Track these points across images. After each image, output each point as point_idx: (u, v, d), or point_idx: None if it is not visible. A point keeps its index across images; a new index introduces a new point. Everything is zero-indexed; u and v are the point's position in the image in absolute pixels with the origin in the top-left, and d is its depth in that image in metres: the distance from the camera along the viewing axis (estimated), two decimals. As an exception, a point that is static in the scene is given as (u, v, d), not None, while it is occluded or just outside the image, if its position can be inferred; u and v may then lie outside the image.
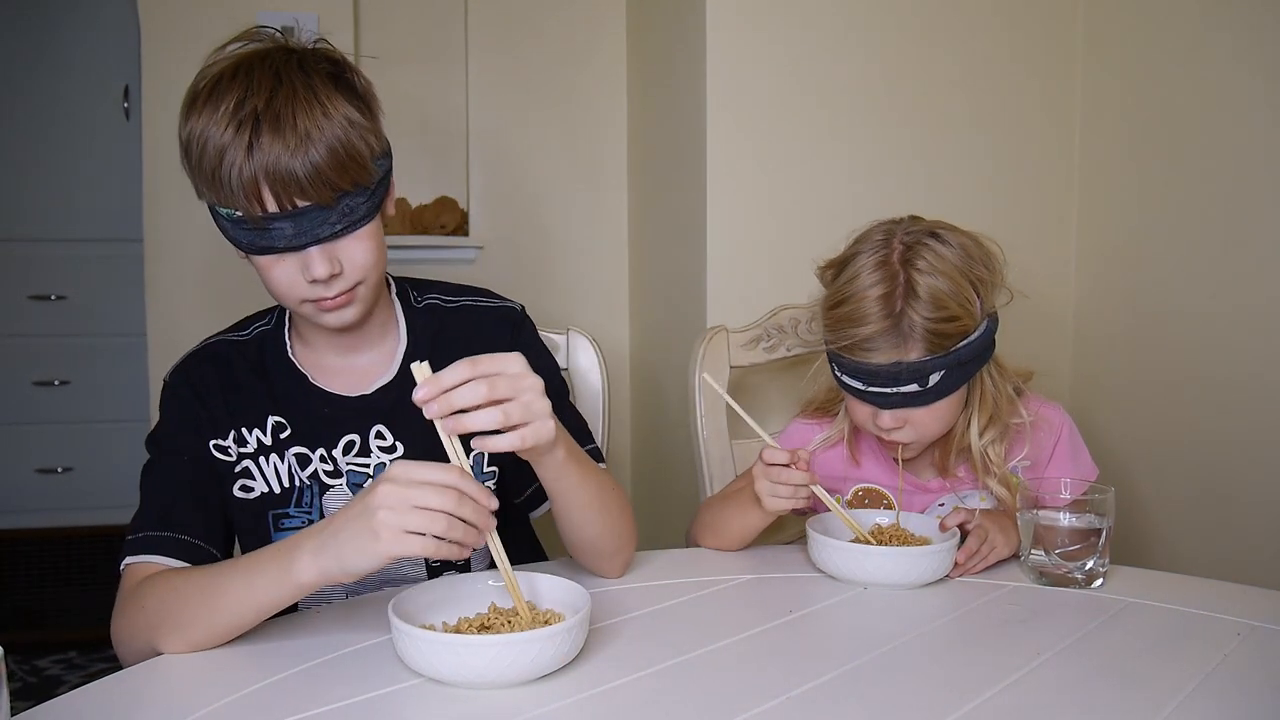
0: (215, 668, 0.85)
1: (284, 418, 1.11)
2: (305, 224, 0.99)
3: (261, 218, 0.98)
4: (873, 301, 1.14)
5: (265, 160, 0.95)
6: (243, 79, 0.98)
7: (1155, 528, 1.70)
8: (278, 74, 0.99)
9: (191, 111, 0.99)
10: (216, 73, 1.00)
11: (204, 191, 1.01)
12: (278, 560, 0.86)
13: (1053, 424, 1.29)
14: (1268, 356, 1.50)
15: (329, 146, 0.97)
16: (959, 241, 1.18)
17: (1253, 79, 1.52)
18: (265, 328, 1.17)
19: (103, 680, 0.84)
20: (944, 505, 1.28)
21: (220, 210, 1.00)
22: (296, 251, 1.00)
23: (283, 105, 0.97)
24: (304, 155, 0.96)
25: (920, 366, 1.14)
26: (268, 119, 0.96)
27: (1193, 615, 1.01)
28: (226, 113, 0.96)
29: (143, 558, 0.99)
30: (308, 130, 0.96)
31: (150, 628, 0.90)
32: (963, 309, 1.15)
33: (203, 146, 0.97)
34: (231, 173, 0.96)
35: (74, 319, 3.06)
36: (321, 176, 0.97)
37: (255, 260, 1.03)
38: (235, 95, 0.97)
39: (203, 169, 0.98)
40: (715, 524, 1.25)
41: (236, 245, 1.02)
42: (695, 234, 1.76)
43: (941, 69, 1.80)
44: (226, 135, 0.96)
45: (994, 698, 0.81)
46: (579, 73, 2.29)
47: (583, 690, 0.83)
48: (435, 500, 0.81)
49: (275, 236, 0.99)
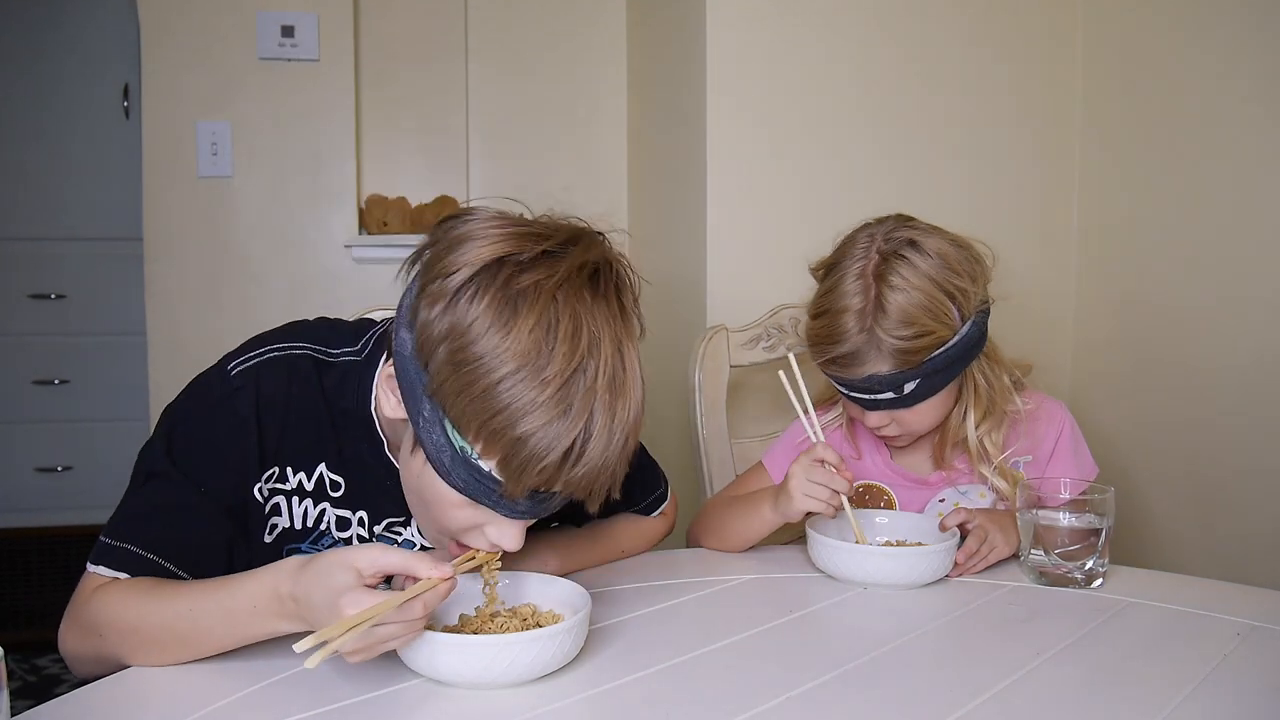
0: (215, 668, 0.85)
1: (343, 478, 0.99)
2: (538, 508, 0.87)
3: (503, 496, 0.84)
4: (845, 319, 1.16)
5: (587, 469, 0.82)
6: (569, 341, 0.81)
7: (1155, 528, 1.70)
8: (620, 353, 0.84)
9: (482, 330, 0.80)
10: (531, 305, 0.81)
11: (457, 420, 0.82)
12: (259, 620, 0.82)
13: (1055, 419, 1.29)
14: (1268, 356, 1.50)
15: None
16: (938, 249, 1.17)
17: (1252, 78, 1.52)
18: (353, 358, 1.00)
19: (103, 680, 0.84)
20: (944, 501, 1.28)
21: (454, 435, 0.83)
22: (507, 520, 0.88)
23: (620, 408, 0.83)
24: (612, 463, 0.84)
25: (893, 378, 1.16)
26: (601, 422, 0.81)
27: (1193, 615, 1.00)
28: (554, 396, 0.80)
29: (121, 574, 0.88)
30: (626, 439, 0.84)
31: (111, 651, 0.86)
32: (936, 322, 1.15)
33: (511, 415, 0.80)
34: (531, 464, 0.81)
35: (74, 318, 3.06)
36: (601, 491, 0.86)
37: (442, 486, 0.85)
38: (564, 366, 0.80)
39: (496, 432, 0.81)
40: (719, 526, 1.25)
41: (443, 474, 0.85)
42: (695, 234, 1.76)
43: (942, 68, 1.80)
44: (558, 429, 0.80)
45: (994, 698, 0.81)
46: (579, 72, 2.29)
47: (583, 690, 0.83)
48: (399, 640, 0.79)
49: (505, 506, 0.85)
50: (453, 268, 0.82)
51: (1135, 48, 1.75)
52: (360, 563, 0.77)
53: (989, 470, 1.24)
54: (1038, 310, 1.86)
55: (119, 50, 2.96)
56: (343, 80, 2.21)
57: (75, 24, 2.99)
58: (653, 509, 1.23)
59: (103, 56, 3.00)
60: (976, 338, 1.20)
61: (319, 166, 2.21)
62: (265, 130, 2.18)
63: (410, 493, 0.92)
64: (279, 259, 2.21)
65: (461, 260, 0.82)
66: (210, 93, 2.15)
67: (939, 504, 1.29)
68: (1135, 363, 1.75)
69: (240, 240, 2.19)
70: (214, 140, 2.15)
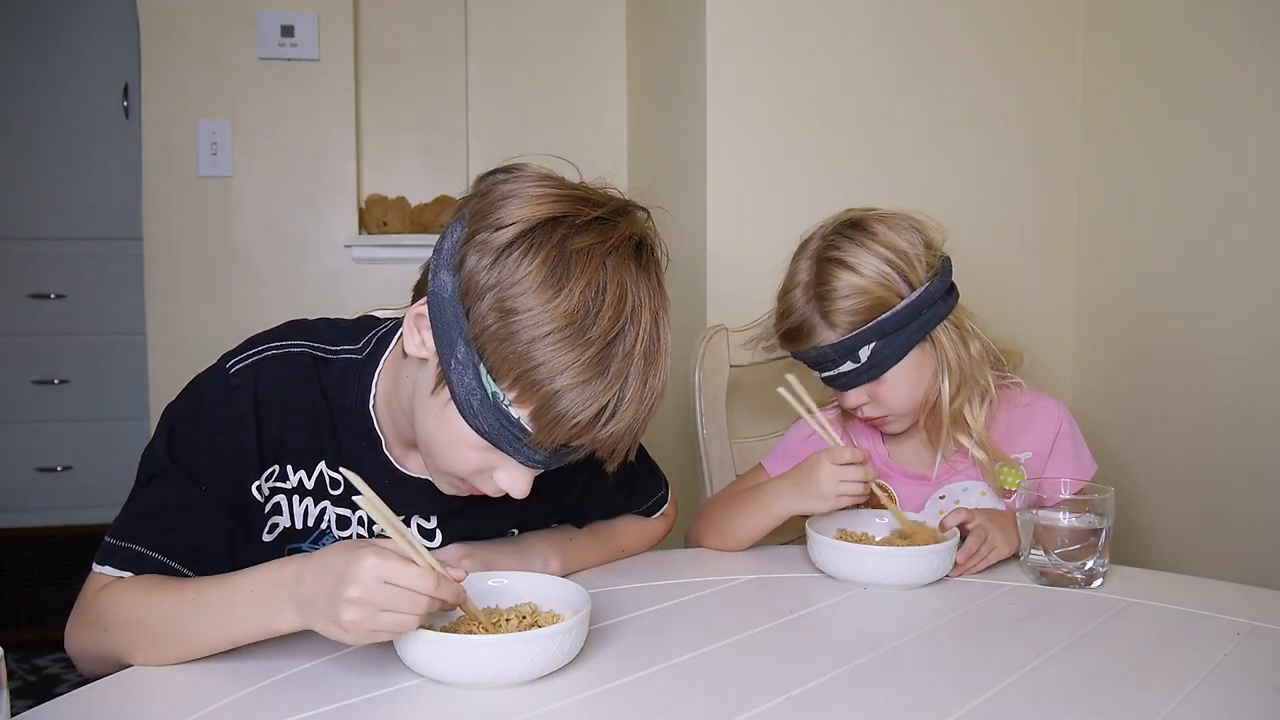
0: (215, 668, 0.85)
1: (342, 477, 0.96)
2: (556, 460, 0.89)
3: (528, 445, 0.86)
4: (794, 295, 1.26)
5: (614, 430, 0.85)
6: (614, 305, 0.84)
7: (1155, 527, 1.70)
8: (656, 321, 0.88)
9: (530, 291, 0.83)
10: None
11: (494, 367, 0.84)
12: (256, 608, 0.82)
13: (1052, 417, 1.30)
14: (1268, 356, 1.50)
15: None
16: (877, 221, 1.25)
17: (1252, 78, 1.52)
18: (353, 355, 1.00)
19: (103, 680, 0.84)
20: (945, 498, 1.29)
21: (487, 380, 0.85)
22: (520, 467, 0.89)
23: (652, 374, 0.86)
24: (637, 427, 0.87)
25: (845, 345, 1.21)
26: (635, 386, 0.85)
27: (1193, 615, 1.00)
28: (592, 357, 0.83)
29: (126, 573, 0.89)
30: (653, 405, 0.87)
31: (114, 647, 0.86)
32: (878, 286, 1.21)
33: (550, 379, 0.82)
34: (565, 419, 0.83)
35: (74, 318, 3.06)
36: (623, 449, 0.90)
37: (462, 427, 0.87)
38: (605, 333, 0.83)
39: (535, 383, 0.83)
40: (721, 523, 1.25)
41: (467, 416, 0.86)
42: (695, 234, 1.76)
43: (942, 68, 1.80)
44: (595, 389, 0.83)
45: (994, 698, 0.81)
46: (579, 72, 2.29)
47: (583, 690, 0.83)
48: (405, 605, 0.78)
49: (526, 454, 0.87)
50: (508, 220, 0.85)
51: (1135, 48, 1.75)
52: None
53: (969, 442, 1.26)
54: (1038, 310, 1.86)
55: (119, 50, 2.96)
56: (343, 80, 2.21)
57: (75, 24, 3.00)
58: (654, 511, 1.23)
59: (103, 56, 3.01)
60: (933, 301, 1.23)
61: (319, 166, 2.21)
62: (265, 130, 2.18)
63: (423, 432, 0.92)
64: (279, 259, 2.21)
65: (517, 214, 0.85)
66: (210, 92, 2.15)
67: (939, 500, 1.29)
68: (1135, 362, 1.75)
69: (240, 240, 2.19)
70: (214, 140, 2.15)
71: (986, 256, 1.68)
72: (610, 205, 0.89)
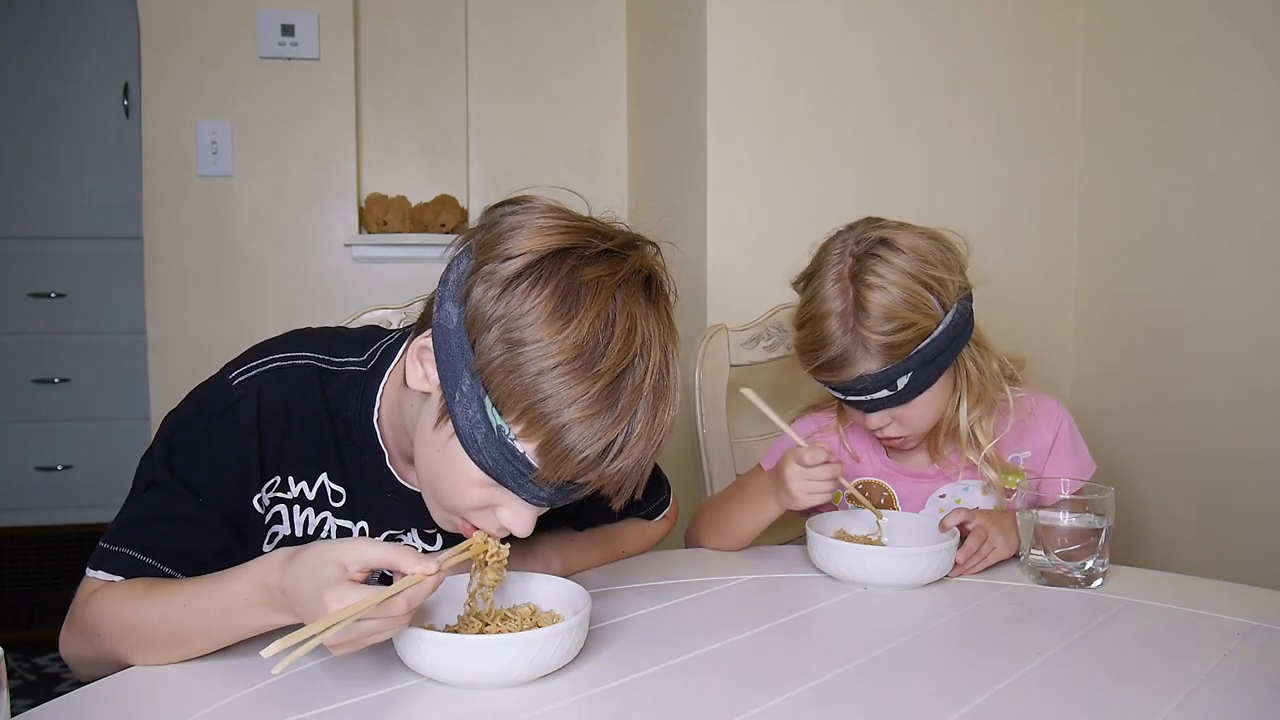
0: (215, 668, 0.85)
1: (344, 488, 0.98)
2: (561, 498, 0.87)
3: (533, 481, 0.84)
4: (829, 323, 1.18)
5: (622, 467, 0.83)
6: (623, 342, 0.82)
7: (1155, 527, 1.70)
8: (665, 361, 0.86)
9: (539, 326, 0.81)
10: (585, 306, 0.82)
11: (500, 400, 0.82)
12: (249, 606, 0.82)
13: (1052, 417, 1.30)
14: (1267, 356, 1.50)
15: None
16: (909, 244, 1.19)
17: (1252, 79, 1.52)
18: (358, 368, 0.99)
19: (103, 680, 0.84)
20: (945, 496, 1.29)
21: (493, 414, 0.82)
22: (524, 505, 0.87)
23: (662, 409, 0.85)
24: (645, 464, 0.86)
25: (884, 375, 1.17)
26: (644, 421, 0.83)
27: (1193, 615, 1.01)
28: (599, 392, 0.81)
29: (118, 578, 0.88)
30: (661, 442, 0.86)
31: (109, 651, 0.86)
32: (918, 313, 1.16)
33: (558, 418, 0.80)
34: (572, 454, 0.82)
35: (74, 317, 3.06)
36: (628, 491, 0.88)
37: (466, 463, 0.85)
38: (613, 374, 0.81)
39: (541, 417, 0.81)
40: (721, 524, 1.26)
41: (471, 450, 0.84)
42: (695, 234, 1.76)
43: (942, 69, 1.80)
44: (603, 424, 0.81)
45: (994, 698, 0.81)
46: (579, 72, 2.29)
47: (583, 690, 0.83)
48: (382, 635, 0.78)
49: (530, 490, 0.85)
50: (516, 251, 0.83)
51: (1135, 48, 1.75)
52: (346, 557, 0.77)
53: (977, 458, 1.25)
54: (1038, 310, 1.87)
55: (119, 49, 2.96)
56: (343, 79, 2.21)
57: (75, 24, 2.99)
58: (656, 514, 1.23)
59: (103, 56, 3.00)
60: (962, 325, 1.20)
61: (319, 165, 2.21)
62: (265, 129, 2.18)
63: (424, 468, 0.90)
64: (279, 258, 2.21)
65: (525, 245, 0.83)
66: (210, 92, 2.15)
67: (939, 499, 1.29)
68: (1135, 362, 1.75)
69: (240, 239, 2.19)
70: (214, 139, 2.15)
71: (987, 257, 1.68)
72: (620, 238, 0.88)
